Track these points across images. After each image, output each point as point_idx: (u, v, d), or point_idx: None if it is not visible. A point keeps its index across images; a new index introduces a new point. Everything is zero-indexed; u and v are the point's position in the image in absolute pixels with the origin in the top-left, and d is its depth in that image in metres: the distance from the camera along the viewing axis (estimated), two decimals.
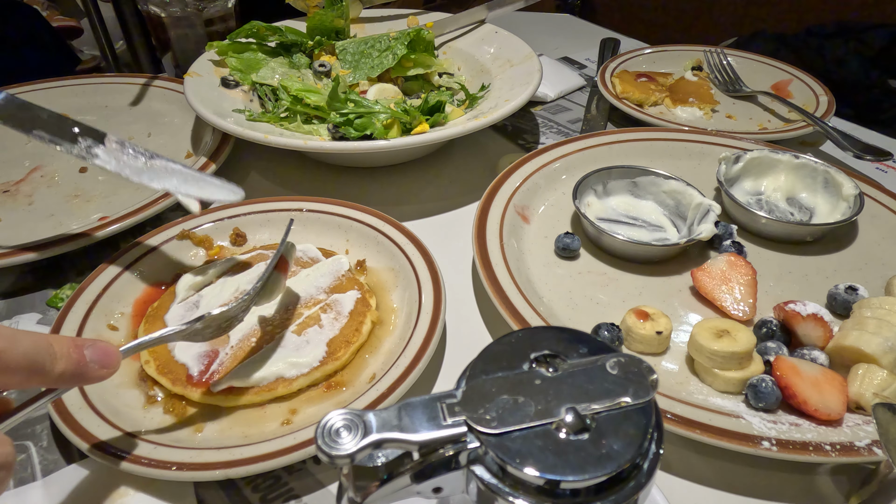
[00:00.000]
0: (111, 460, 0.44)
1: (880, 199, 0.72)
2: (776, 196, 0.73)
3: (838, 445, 0.45)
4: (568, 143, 0.80)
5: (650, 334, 0.54)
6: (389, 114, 0.73)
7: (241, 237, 0.67)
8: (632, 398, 0.26)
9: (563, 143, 0.80)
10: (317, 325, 0.56)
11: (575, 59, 1.19)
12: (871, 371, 0.49)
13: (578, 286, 0.63)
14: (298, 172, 0.84)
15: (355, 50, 0.87)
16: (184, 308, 0.58)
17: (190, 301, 0.58)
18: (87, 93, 0.98)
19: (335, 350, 0.54)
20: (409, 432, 0.26)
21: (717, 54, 1.07)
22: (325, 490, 0.47)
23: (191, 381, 0.51)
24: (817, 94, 0.96)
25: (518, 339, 0.30)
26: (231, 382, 0.50)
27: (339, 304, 0.58)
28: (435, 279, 0.58)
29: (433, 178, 0.83)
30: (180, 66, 1.00)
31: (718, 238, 0.67)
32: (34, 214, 0.75)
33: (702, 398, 0.51)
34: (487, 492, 0.26)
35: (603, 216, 0.69)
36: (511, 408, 0.26)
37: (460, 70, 0.96)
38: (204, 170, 0.76)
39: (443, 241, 0.70)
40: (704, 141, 0.82)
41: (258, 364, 0.52)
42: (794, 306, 0.55)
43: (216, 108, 0.77)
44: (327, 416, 0.26)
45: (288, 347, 0.53)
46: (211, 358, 0.53)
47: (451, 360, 0.58)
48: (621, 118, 0.97)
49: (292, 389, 0.51)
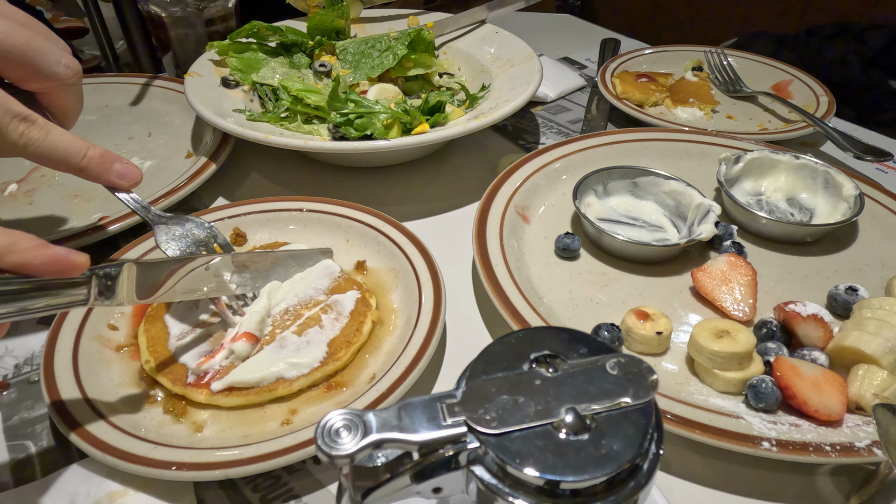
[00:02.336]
0: (111, 460, 0.44)
1: (880, 199, 0.72)
2: (776, 196, 0.73)
3: (838, 446, 0.45)
4: (568, 144, 0.80)
5: (650, 335, 0.54)
6: (390, 114, 0.73)
7: (242, 237, 0.67)
8: (632, 398, 0.26)
9: (563, 143, 0.80)
10: (317, 326, 0.55)
11: (575, 60, 1.19)
12: (871, 372, 0.49)
13: (578, 286, 0.63)
14: (299, 172, 0.84)
15: (356, 50, 0.87)
16: (183, 307, 0.58)
17: None
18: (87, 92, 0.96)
19: (336, 350, 0.54)
20: (408, 432, 0.26)
21: (718, 55, 1.08)
22: (325, 490, 0.47)
23: (191, 382, 0.51)
24: (817, 95, 0.96)
25: (518, 339, 0.30)
26: (231, 383, 0.50)
27: (340, 305, 0.58)
28: (435, 279, 0.58)
29: (433, 178, 0.83)
30: (181, 65, 1.00)
31: (719, 238, 0.67)
32: (34, 214, 0.75)
33: (702, 399, 0.51)
34: (487, 492, 0.26)
35: (603, 216, 0.69)
36: (511, 408, 0.26)
37: (461, 70, 0.96)
38: (204, 170, 0.76)
39: (443, 241, 0.70)
40: (705, 141, 0.82)
41: (258, 364, 0.52)
42: (795, 307, 0.55)
43: (216, 107, 0.77)
44: (327, 417, 0.26)
45: (288, 348, 0.53)
46: (211, 358, 0.53)
47: (451, 360, 0.58)
48: (622, 118, 0.97)
49: (293, 390, 0.51)
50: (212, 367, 0.52)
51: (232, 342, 0.53)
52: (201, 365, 0.52)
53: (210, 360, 0.52)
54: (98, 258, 0.63)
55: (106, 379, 0.52)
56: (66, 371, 0.51)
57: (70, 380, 0.50)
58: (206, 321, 0.57)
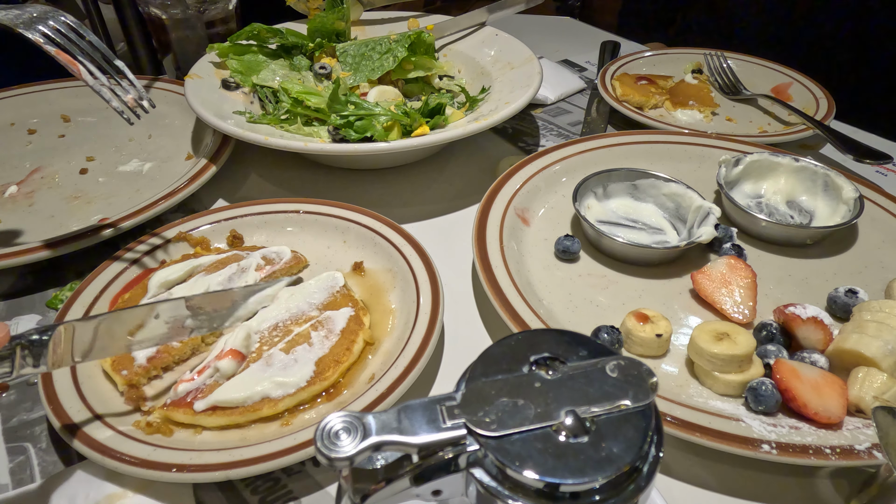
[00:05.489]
0: (110, 462, 0.44)
1: (880, 202, 0.72)
2: (776, 199, 0.73)
3: (838, 449, 0.45)
4: (568, 146, 0.80)
5: (650, 337, 0.54)
6: (390, 116, 0.73)
7: (238, 239, 0.67)
8: (631, 401, 0.26)
9: (563, 145, 0.80)
10: (306, 343, 0.53)
11: (575, 62, 1.19)
12: (871, 374, 0.49)
13: (578, 289, 0.63)
14: (299, 174, 0.84)
15: (356, 52, 0.88)
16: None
17: (160, 298, 0.58)
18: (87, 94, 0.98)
19: (323, 370, 0.51)
20: (408, 435, 0.26)
21: (717, 57, 1.08)
22: (324, 492, 0.47)
23: (173, 402, 0.49)
24: (817, 98, 0.96)
25: (518, 341, 0.30)
26: (215, 402, 0.49)
27: (332, 322, 0.55)
28: (433, 280, 0.58)
29: (433, 180, 0.83)
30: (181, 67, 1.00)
31: (718, 241, 0.67)
32: (35, 215, 0.75)
33: (702, 401, 0.51)
34: (487, 495, 0.26)
35: (603, 219, 0.69)
36: (511, 410, 0.26)
37: (461, 72, 0.96)
38: (204, 171, 0.76)
39: (443, 243, 0.70)
40: (704, 144, 0.82)
41: (243, 383, 0.50)
42: (794, 309, 0.55)
43: (217, 109, 0.77)
44: (326, 419, 0.26)
45: (275, 366, 0.51)
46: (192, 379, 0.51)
47: (450, 362, 0.58)
48: (621, 121, 0.97)
49: (277, 410, 0.49)
50: (195, 386, 0.50)
51: (217, 360, 0.51)
52: (178, 387, 0.50)
53: (192, 381, 0.50)
54: (98, 259, 0.63)
55: (104, 382, 0.52)
56: (64, 374, 0.51)
57: (68, 383, 0.50)
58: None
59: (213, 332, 0.56)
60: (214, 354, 0.53)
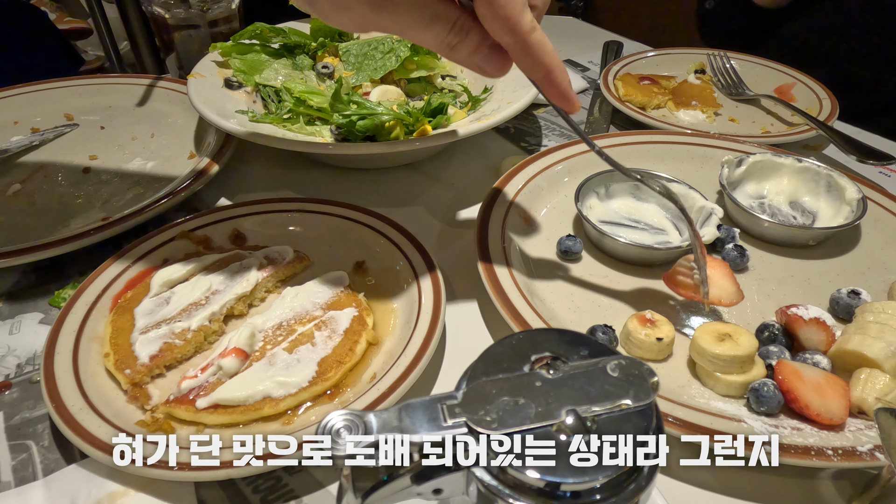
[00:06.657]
0: (112, 460, 0.44)
1: (883, 203, 0.72)
2: (779, 200, 0.73)
3: (840, 450, 0.45)
4: (570, 146, 0.80)
5: (649, 340, 0.54)
6: (392, 116, 0.73)
7: (241, 238, 0.67)
8: (632, 401, 0.26)
9: (565, 145, 0.80)
10: (309, 343, 0.53)
11: (578, 62, 1.19)
12: (874, 375, 0.49)
13: (580, 289, 0.63)
14: (301, 174, 0.84)
15: (358, 52, 0.88)
16: (154, 303, 0.57)
17: (161, 297, 0.58)
18: (90, 93, 0.99)
19: (326, 370, 0.51)
20: (409, 433, 0.26)
21: (720, 57, 1.07)
22: (325, 490, 0.47)
23: (176, 399, 0.50)
24: (820, 98, 0.96)
25: (519, 340, 0.30)
26: (217, 400, 0.49)
27: (335, 322, 0.55)
28: (434, 280, 0.58)
29: (436, 179, 0.83)
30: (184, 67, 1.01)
31: (721, 241, 0.66)
32: (37, 214, 0.75)
33: (703, 402, 0.51)
34: (488, 493, 0.26)
35: (605, 219, 0.69)
36: (512, 409, 0.26)
37: (463, 72, 0.96)
38: (207, 170, 0.76)
39: (445, 242, 0.70)
40: (707, 144, 0.82)
41: (245, 382, 0.50)
42: (797, 310, 0.54)
43: (219, 109, 0.77)
44: (328, 416, 0.26)
45: (277, 366, 0.51)
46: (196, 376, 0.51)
47: (451, 361, 0.58)
48: (624, 121, 0.97)
49: (279, 410, 0.49)
50: (197, 384, 0.50)
51: (220, 358, 0.52)
52: (181, 383, 0.50)
53: (195, 378, 0.51)
54: (100, 258, 0.63)
55: (106, 380, 0.52)
56: (66, 372, 0.51)
57: (70, 381, 0.50)
58: (172, 317, 0.56)
59: (216, 331, 0.57)
60: (218, 352, 0.53)
